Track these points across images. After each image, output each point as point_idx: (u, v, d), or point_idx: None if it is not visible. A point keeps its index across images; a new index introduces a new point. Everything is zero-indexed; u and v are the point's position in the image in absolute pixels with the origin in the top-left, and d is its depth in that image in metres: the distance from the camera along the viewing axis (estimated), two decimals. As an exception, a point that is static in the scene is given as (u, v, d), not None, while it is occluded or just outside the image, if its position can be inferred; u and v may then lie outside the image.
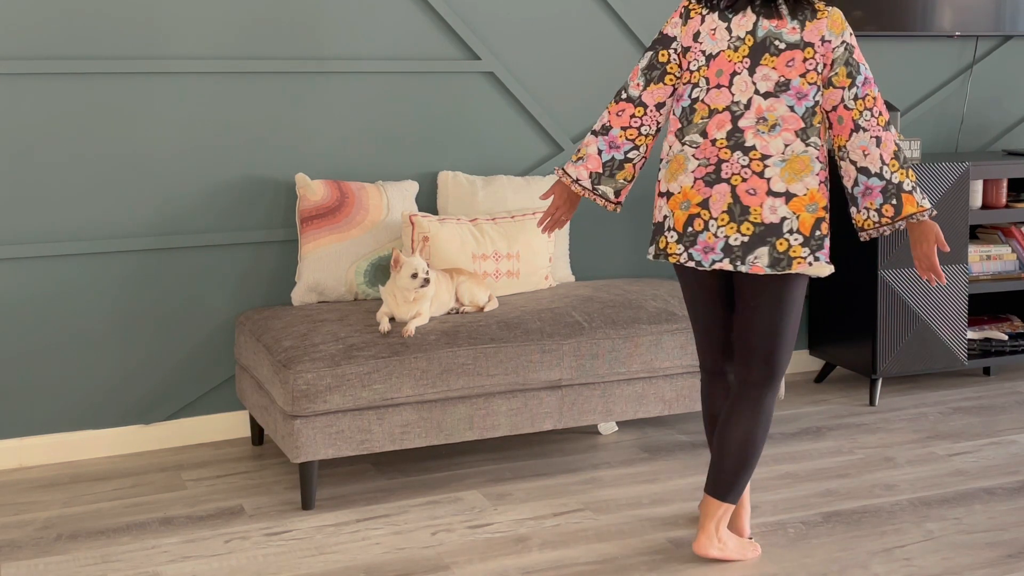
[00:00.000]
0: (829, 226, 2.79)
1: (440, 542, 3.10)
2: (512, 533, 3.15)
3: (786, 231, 2.71)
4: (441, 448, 3.85)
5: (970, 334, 4.56)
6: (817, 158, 2.75)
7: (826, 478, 3.54)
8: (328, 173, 3.96)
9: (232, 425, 3.98)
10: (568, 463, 3.70)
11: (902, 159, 2.78)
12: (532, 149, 4.25)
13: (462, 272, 3.68)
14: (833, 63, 2.77)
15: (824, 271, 2.78)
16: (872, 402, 4.31)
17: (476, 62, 4.10)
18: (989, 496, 3.39)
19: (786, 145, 2.73)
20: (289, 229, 3.92)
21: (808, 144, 2.75)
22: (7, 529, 3.23)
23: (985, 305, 4.88)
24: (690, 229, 2.76)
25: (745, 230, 2.72)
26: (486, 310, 3.65)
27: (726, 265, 2.74)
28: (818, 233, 2.74)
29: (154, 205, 3.79)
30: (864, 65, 2.79)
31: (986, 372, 4.71)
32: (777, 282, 2.79)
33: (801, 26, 2.75)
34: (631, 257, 4.45)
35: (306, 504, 3.34)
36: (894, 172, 2.78)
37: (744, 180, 2.72)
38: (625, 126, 2.89)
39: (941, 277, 2.86)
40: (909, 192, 2.78)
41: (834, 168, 4.15)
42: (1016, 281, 4.50)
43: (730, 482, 2.86)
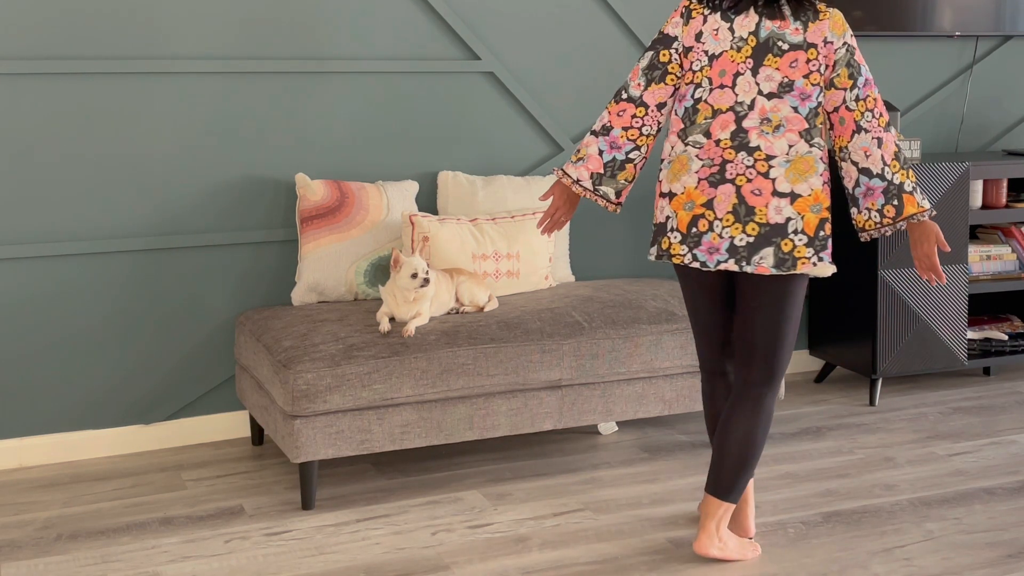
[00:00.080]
0: (832, 226, 2.79)
1: (440, 542, 3.10)
2: (512, 533, 3.15)
3: (791, 231, 2.72)
4: (441, 448, 3.85)
5: (970, 334, 4.56)
6: (820, 159, 2.76)
7: (826, 478, 3.54)
8: (328, 173, 3.96)
9: (232, 425, 3.98)
10: (568, 463, 3.70)
11: (902, 160, 2.82)
12: (532, 149, 4.25)
13: (462, 272, 3.67)
14: (835, 64, 2.77)
15: (827, 271, 2.79)
16: (872, 402, 4.30)
17: (476, 62, 4.10)
18: (989, 496, 3.39)
19: (790, 146, 2.73)
20: (289, 229, 3.92)
21: (812, 145, 2.75)
22: (7, 529, 3.23)
23: (985, 305, 4.88)
24: (694, 230, 2.76)
25: (750, 230, 2.72)
26: (486, 310, 3.64)
27: (731, 266, 2.74)
28: (822, 233, 2.74)
29: (154, 205, 3.79)
30: (864, 66, 2.80)
31: (986, 372, 4.71)
32: (779, 282, 2.79)
33: (804, 27, 2.75)
34: (631, 257, 4.45)
35: (306, 504, 3.34)
36: (895, 173, 2.79)
37: (749, 180, 2.72)
38: (626, 126, 2.88)
39: (941, 277, 2.87)
40: (910, 193, 2.81)
41: (832, 169, 4.15)
42: (1016, 281, 4.50)
43: (731, 481, 2.87)
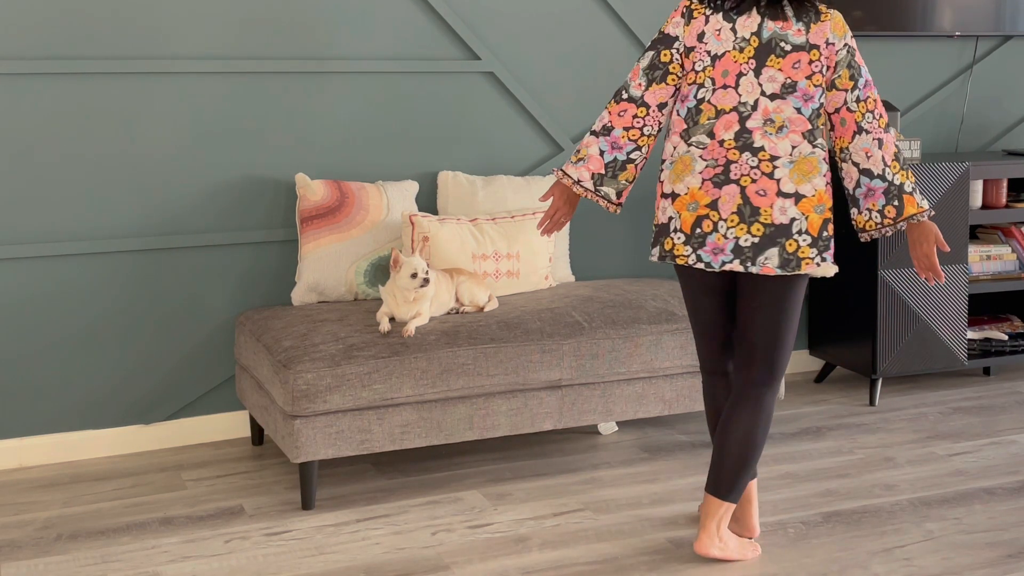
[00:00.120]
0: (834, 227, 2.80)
1: (440, 542, 3.10)
2: (512, 533, 3.15)
3: (795, 232, 2.72)
4: (441, 448, 3.85)
5: (970, 334, 4.56)
6: (823, 159, 2.77)
7: (826, 478, 3.54)
8: (328, 173, 3.96)
9: (232, 425, 3.98)
10: (568, 463, 3.70)
11: (902, 160, 2.84)
12: (532, 149, 4.25)
13: (462, 272, 3.67)
14: (836, 66, 2.78)
15: (830, 271, 2.80)
16: (872, 402, 4.30)
17: (476, 62, 4.10)
18: (989, 496, 3.39)
19: (793, 147, 2.74)
20: (289, 229, 3.92)
21: (815, 146, 2.75)
22: (7, 529, 3.23)
23: (985, 305, 4.88)
24: (698, 230, 2.76)
25: (755, 231, 2.72)
26: (486, 310, 3.64)
27: (736, 266, 2.74)
28: (825, 234, 2.75)
29: (154, 205, 3.79)
30: (864, 67, 2.81)
31: (986, 372, 4.71)
32: (782, 282, 2.80)
33: (806, 28, 2.75)
34: (631, 257, 4.45)
35: (306, 504, 3.33)
36: (895, 174, 2.81)
37: (754, 181, 2.72)
38: (627, 126, 2.88)
39: (940, 276, 2.88)
40: (910, 193, 2.82)
41: (831, 169, 4.14)
42: (1016, 281, 4.50)
43: (731, 481, 2.87)
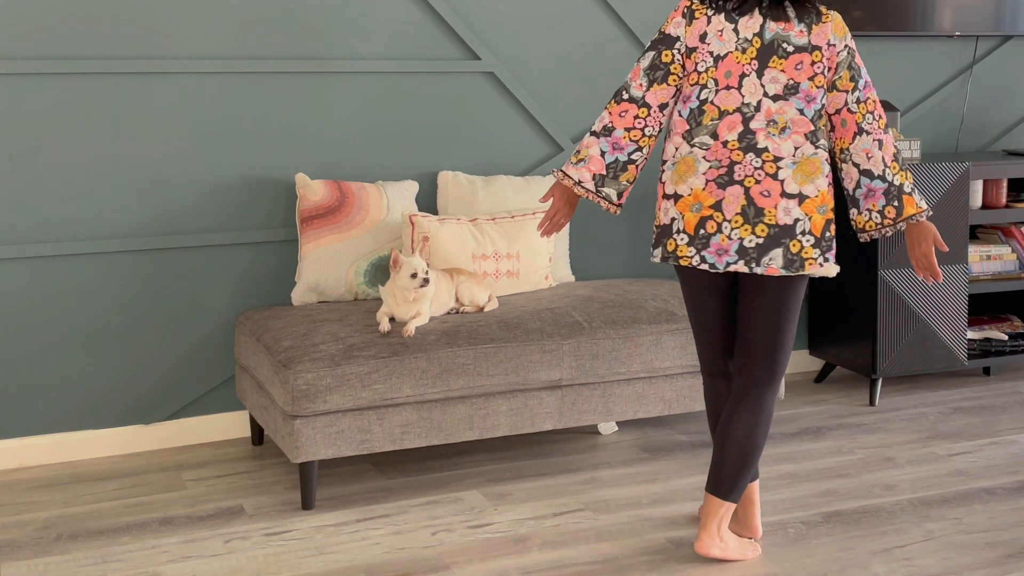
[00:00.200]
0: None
1: (440, 542, 3.10)
2: (512, 533, 3.15)
3: (799, 232, 2.72)
4: (441, 448, 3.85)
5: (970, 334, 4.56)
6: (825, 160, 2.77)
7: (826, 478, 3.54)
8: (328, 173, 3.96)
9: (232, 425, 3.98)
10: (568, 463, 3.70)
11: (901, 161, 2.86)
12: (532, 149, 4.25)
13: (462, 272, 3.67)
14: (837, 67, 2.78)
15: (832, 271, 2.81)
16: (872, 402, 4.30)
17: (476, 62, 4.10)
18: (989, 496, 3.39)
19: (796, 148, 2.74)
20: (289, 229, 3.92)
21: (818, 147, 2.76)
22: (7, 529, 3.23)
23: (985, 305, 4.88)
24: (702, 231, 2.76)
25: (759, 232, 2.72)
26: (486, 310, 3.64)
27: (741, 267, 2.74)
28: (828, 234, 2.76)
29: (154, 205, 3.79)
30: (863, 68, 2.82)
31: (986, 372, 4.71)
32: (784, 282, 2.80)
33: (808, 29, 2.75)
34: (631, 257, 4.45)
35: (306, 504, 3.33)
36: (895, 175, 2.82)
37: (758, 182, 2.72)
38: (629, 127, 2.87)
39: (939, 276, 2.89)
40: (909, 194, 2.84)
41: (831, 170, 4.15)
42: (1016, 281, 4.50)
43: (731, 481, 2.87)
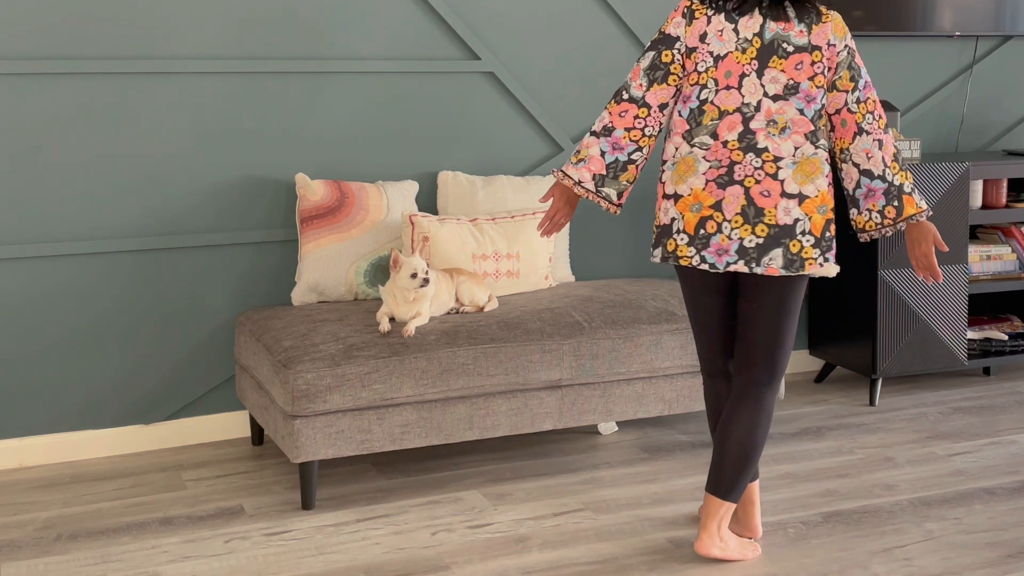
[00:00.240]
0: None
1: (440, 542, 3.10)
2: (512, 533, 3.15)
3: (799, 232, 2.72)
4: (441, 448, 3.85)
5: (970, 334, 4.56)
6: (825, 160, 2.77)
7: (826, 478, 3.54)
8: (328, 173, 3.96)
9: (232, 425, 3.98)
10: (568, 463, 3.70)
11: (900, 161, 2.85)
12: (532, 149, 4.25)
13: (462, 272, 3.67)
14: (837, 67, 2.78)
15: (832, 271, 2.81)
16: (872, 402, 4.30)
17: (476, 62, 4.10)
18: (989, 496, 3.39)
19: (796, 148, 2.74)
20: (289, 229, 3.92)
21: (818, 147, 2.76)
22: (7, 529, 3.23)
23: (985, 305, 4.88)
24: (702, 231, 2.76)
25: (760, 232, 2.72)
26: (486, 310, 3.64)
27: (741, 267, 2.74)
28: (828, 234, 2.76)
29: (154, 205, 3.79)
30: (863, 68, 2.82)
31: (986, 372, 4.71)
32: (784, 282, 2.80)
33: (808, 29, 2.75)
34: (631, 257, 4.45)
35: (306, 504, 3.33)
36: (895, 175, 2.82)
37: (758, 182, 2.72)
38: (629, 127, 2.87)
39: (938, 276, 2.89)
40: (909, 194, 2.84)
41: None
42: (1016, 281, 4.50)
43: (731, 481, 2.87)
